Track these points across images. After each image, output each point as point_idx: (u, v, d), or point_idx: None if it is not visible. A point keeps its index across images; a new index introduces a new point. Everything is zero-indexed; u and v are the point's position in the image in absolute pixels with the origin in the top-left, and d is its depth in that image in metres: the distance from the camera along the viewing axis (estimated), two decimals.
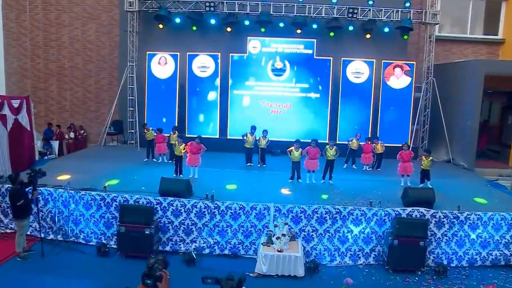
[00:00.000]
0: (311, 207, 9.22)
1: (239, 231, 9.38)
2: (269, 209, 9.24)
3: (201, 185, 10.48)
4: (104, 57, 18.90)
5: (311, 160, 11.35)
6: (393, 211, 9.19)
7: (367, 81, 15.50)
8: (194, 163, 11.55)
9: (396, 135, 15.23)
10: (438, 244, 9.22)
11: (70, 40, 18.82)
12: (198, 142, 11.49)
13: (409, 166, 11.46)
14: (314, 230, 9.25)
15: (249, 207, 9.31)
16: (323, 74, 15.54)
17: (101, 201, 9.61)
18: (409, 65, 15.52)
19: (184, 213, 9.46)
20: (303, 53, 15.59)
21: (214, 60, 15.66)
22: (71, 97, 19.29)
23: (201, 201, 9.42)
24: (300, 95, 15.68)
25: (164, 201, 9.46)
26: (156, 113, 15.97)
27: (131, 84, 16.54)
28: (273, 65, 15.60)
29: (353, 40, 15.70)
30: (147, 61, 16.04)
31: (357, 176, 12.46)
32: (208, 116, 15.84)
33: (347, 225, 9.22)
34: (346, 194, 10.34)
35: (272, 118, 15.63)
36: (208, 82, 15.76)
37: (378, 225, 9.22)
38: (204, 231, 9.45)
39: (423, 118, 16.25)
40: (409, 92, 15.51)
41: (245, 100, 15.79)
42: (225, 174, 12.02)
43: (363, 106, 15.59)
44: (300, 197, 10.08)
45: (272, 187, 10.76)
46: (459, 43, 18.16)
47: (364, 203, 9.63)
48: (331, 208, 9.21)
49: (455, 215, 9.17)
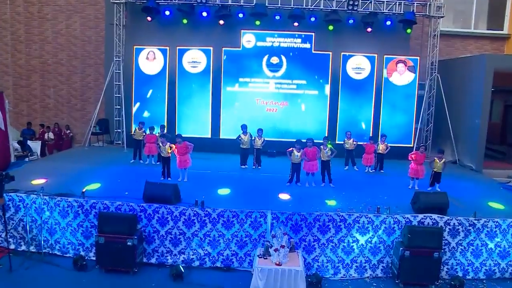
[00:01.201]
0: (313, 215, 8.31)
1: (232, 241, 8.45)
2: (266, 216, 8.32)
3: (190, 190, 9.56)
4: (90, 52, 17.92)
5: (310, 162, 10.44)
6: (403, 218, 8.31)
7: (368, 77, 14.61)
8: (183, 165, 10.60)
9: (399, 134, 14.41)
10: (453, 255, 8.36)
11: (53, 35, 17.81)
12: (181, 142, 10.55)
13: (422, 169, 10.57)
14: (316, 239, 8.34)
15: (243, 214, 8.38)
16: (322, 69, 14.63)
17: (79, 208, 8.64)
18: (413, 61, 14.66)
19: (171, 221, 8.52)
20: (300, 48, 14.67)
21: (205, 55, 14.71)
22: (55, 95, 18.28)
23: (190, 208, 8.48)
24: (297, 92, 14.77)
25: (149, 208, 8.52)
26: (144, 111, 14.98)
27: (118, 81, 15.56)
28: (269, 60, 14.67)
29: (353, 34, 14.80)
30: (134, 56, 15.05)
31: (360, 179, 11.56)
32: (199, 114, 14.87)
33: (353, 234, 8.32)
34: (350, 199, 9.43)
35: (267, 117, 14.72)
36: (199, 78, 14.80)
37: (387, 233, 8.33)
38: (193, 241, 8.51)
39: (426, 116, 15.42)
40: (412, 89, 14.64)
41: (239, 98, 14.84)
42: (218, 177, 11.07)
43: (364, 104, 14.71)
44: (300, 202, 9.16)
45: (269, 192, 9.83)
46: (463, 38, 17.36)
47: (370, 209, 8.73)
48: (334, 215, 8.31)
49: (471, 222, 8.31)
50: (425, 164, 10.73)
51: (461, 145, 14.24)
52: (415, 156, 10.74)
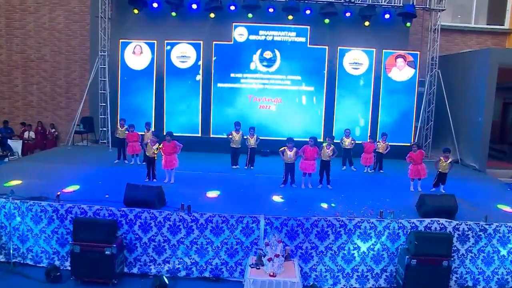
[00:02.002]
0: (310, 220, 7.59)
1: (222, 249, 7.70)
2: (259, 222, 7.59)
3: (177, 192, 8.84)
4: (75, 47, 17.14)
5: (307, 161, 9.72)
6: (409, 223, 7.60)
7: (367, 72, 13.96)
8: (169, 165, 9.85)
9: (398, 132, 13.75)
10: (462, 262, 7.66)
11: (36, 29, 17.00)
12: (170, 140, 9.81)
13: (423, 168, 9.90)
14: (314, 247, 7.61)
15: (234, 219, 7.63)
16: (318, 64, 13.92)
17: (54, 213, 7.85)
18: (413, 55, 14.01)
19: (154, 228, 7.75)
20: (295, 42, 13.97)
21: (195, 49, 13.97)
22: (38, 92, 17.50)
23: (175, 212, 7.73)
24: (292, 88, 14.07)
25: (130, 213, 7.75)
26: (130, 108, 14.20)
27: (103, 77, 14.75)
28: (262, 55, 13.96)
29: (350, 28, 14.07)
30: (120, 50, 14.27)
31: (359, 180, 10.86)
32: (189, 112, 14.12)
33: (353, 240, 7.60)
34: (350, 202, 8.72)
35: (260, 114, 14.04)
36: (188, 74, 14.04)
37: (391, 240, 7.62)
38: (179, 249, 7.75)
39: (426, 114, 14.76)
40: (412, 85, 14.00)
41: (230, 94, 14.10)
42: (207, 179, 10.36)
43: (362, 100, 14.04)
44: (296, 206, 8.43)
45: (262, 194, 9.11)
46: (463, 33, 16.76)
47: (372, 213, 8.02)
48: (334, 220, 7.59)
49: (482, 227, 7.63)
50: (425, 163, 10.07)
51: (463, 144, 13.61)
52: (411, 157, 10.05)
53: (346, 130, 12.03)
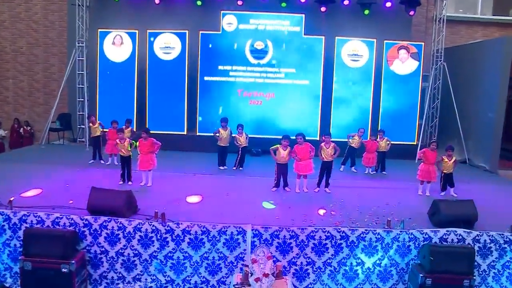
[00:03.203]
0: (306, 230, 6.44)
1: (201, 265, 6.53)
2: (245, 233, 6.43)
3: (152, 197, 7.76)
4: (53, 39, 16.00)
5: (301, 162, 8.59)
6: (421, 234, 6.48)
7: (367, 65, 12.88)
8: (146, 166, 8.69)
9: (400, 130, 12.68)
10: (484, 280, 6.55)
11: (11, 19, 15.89)
12: (146, 138, 8.66)
13: (433, 170, 8.80)
14: (310, 262, 6.46)
15: (216, 230, 6.48)
16: (314, 56, 12.82)
17: (5, 222, 6.66)
18: (416, 47, 12.92)
19: (123, 239, 6.59)
20: (289, 31, 12.87)
21: (180, 40, 12.84)
22: (14, 87, 16.34)
23: (147, 222, 6.57)
24: (286, 81, 12.97)
25: (95, 222, 6.58)
26: (110, 104, 13.05)
27: (80, 70, 13.61)
28: (253, 46, 12.85)
29: (349, 16, 13.04)
30: (98, 41, 13.11)
31: (360, 182, 9.75)
32: (173, 108, 12.97)
33: (357, 254, 6.46)
34: (351, 209, 7.59)
35: (251, 110, 12.95)
36: (173, 66, 12.90)
37: (400, 254, 6.49)
38: (152, 265, 6.58)
39: (431, 110, 13.68)
40: (416, 78, 12.94)
41: (219, 89, 12.97)
42: (190, 181, 9.24)
43: (362, 95, 12.94)
44: (289, 213, 7.31)
45: (250, 199, 7.98)
46: (468, 24, 15.70)
47: (378, 222, 6.90)
48: (333, 231, 6.45)
49: (507, 239, 6.52)
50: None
51: (472, 142, 12.53)
52: (424, 154, 8.96)
53: (360, 130, 10.92)
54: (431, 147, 9.06)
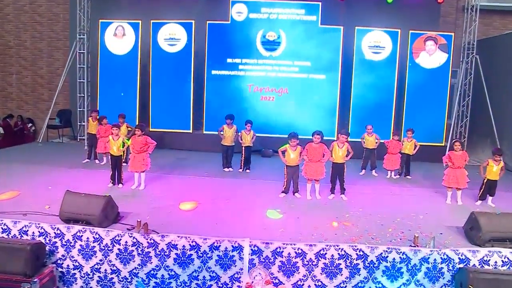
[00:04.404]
0: (314, 247, 5.34)
1: (190, 285, 5.48)
2: (242, 249, 5.36)
3: (143, 203, 6.83)
4: (58, 33, 15.30)
5: (312, 164, 7.48)
6: (456, 255, 5.31)
7: (390, 57, 11.65)
8: (138, 167, 7.72)
9: (427, 130, 11.38)
10: None
11: (15, 12, 15.29)
12: (140, 134, 7.70)
13: (462, 175, 7.56)
14: (320, 286, 5.36)
15: (207, 245, 5.43)
16: (331, 48, 11.70)
17: None
18: (446, 37, 11.64)
19: (99, 253, 5.61)
20: (304, 21, 11.75)
21: (186, 30, 11.90)
22: (18, 83, 15.71)
23: (128, 233, 5.58)
24: (300, 76, 11.87)
25: (68, 232, 5.64)
26: (111, 100, 12.19)
27: (81, 63, 12.80)
28: (264, 37, 11.81)
29: (370, 4, 11.84)
30: (100, 32, 12.27)
31: (382, 188, 8.53)
32: (179, 104, 12.04)
33: (377, 278, 5.32)
34: (371, 220, 6.45)
35: (262, 107, 11.90)
36: (178, 59, 11.97)
37: (430, 279, 5.32)
38: (132, 284, 5.59)
39: (461, 108, 12.38)
40: (445, 72, 11.64)
41: (227, 83, 12.00)
42: (188, 184, 8.25)
43: (384, 91, 11.71)
44: (297, 224, 6.22)
45: (253, 207, 6.93)
46: (503, 14, 14.28)
47: (403, 237, 5.76)
48: (348, 248, 5.33)
49: None
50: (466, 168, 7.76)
51: (508, 145, 11.18)
52: (449, 157, 7.73)
53: (367, 126, 9.73)
54: (455, 147, 7.76)
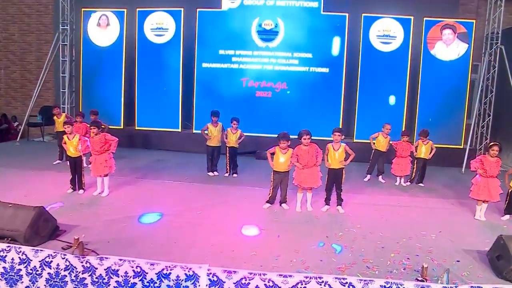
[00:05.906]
0: (290, 279, 4.13)
1: None
2: (198, 279, 4.19)
3: (97, 214, 5.76)
4: (47, 25, 14.42)
5: (303, 170, 6.26)
6: None
7: (401, 48, 10.44)
8: (100, 170, 6.62)
9: (443, 130, 10.16)
10: None
11: (3, 3, 14.53)
12: (97, 132, 6.56)
13: (495, 186, 6.18)
14: None
15: (154, 272, 4.28)
16: (335, 38, 10.57)
17: None
18: (466, 25, 10.32)
19: (26, 278, 4.51)
20: (304, 8, 10.69)
21: (174, 19, 10.92)
22: (6, 79, 14.90)
23: (61, 253, 4.47)
24: (300, 69, 10.76)
25: None
26: (94, 95, 11.24)
27: (64, 56, 11.86)
28: (260, 25, 10.75)
29: None
30: (82, 23, 11.29)
31: (387, 199, 7.26)
32: (166, 100, 11.05)
33: None
34: (369, 241, 5.20)
35: (258, 104, 10.85)
36: (166, 51, 10.98)
37: None
38: None
39: (483, 106, 11.00)
40: (464, 66, 10.35)
41: (219, 77, 10.94)
42: (161, 191, 7.14)
43: (394, 86, 10.50)
44: (276, 245, 5.02)
45: (227, 221, 5.76)
46: None
47: (407, 266, 4.51)
48: (334, 281, 4.10)
49: None
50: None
51: None
52: (481, 163, 6.33)
53: (385, 125, 8.44)
54: (492, 151, 6.24)
